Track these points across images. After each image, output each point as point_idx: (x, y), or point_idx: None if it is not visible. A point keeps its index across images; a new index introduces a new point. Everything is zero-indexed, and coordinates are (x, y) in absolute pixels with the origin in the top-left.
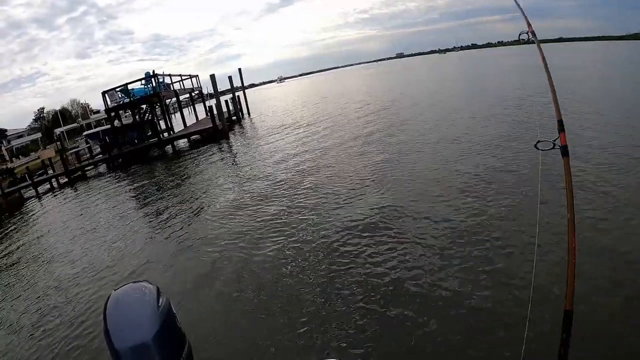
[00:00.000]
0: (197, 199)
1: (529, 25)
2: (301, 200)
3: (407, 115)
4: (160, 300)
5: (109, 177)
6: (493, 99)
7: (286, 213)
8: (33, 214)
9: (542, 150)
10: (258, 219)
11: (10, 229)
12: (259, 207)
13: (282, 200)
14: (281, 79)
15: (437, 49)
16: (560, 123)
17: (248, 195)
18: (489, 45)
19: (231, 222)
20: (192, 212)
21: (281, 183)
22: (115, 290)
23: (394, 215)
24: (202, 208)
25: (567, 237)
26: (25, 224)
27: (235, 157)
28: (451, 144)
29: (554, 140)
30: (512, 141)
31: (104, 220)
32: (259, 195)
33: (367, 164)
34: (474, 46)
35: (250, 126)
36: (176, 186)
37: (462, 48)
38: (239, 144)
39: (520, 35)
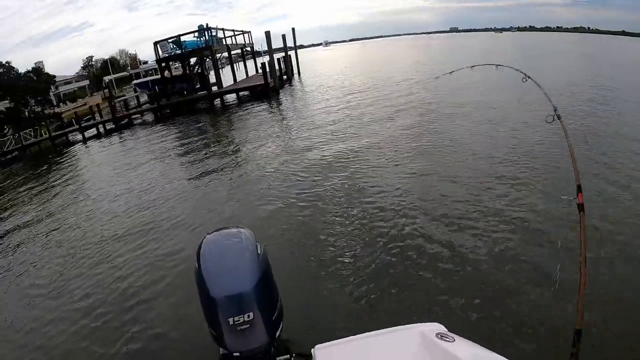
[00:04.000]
0: (242, 151)
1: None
2: (348, 163)
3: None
4: (259, 248)
5: (156, 126)
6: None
7: (328, 170)
8: (79, 157)
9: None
10: (301, 173)
11: (56, 170)
12: (303, 162)
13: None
14: (327, 43)
15: (492, 27)
16: (579, 187)
17: (293, 151)
18: (547, 29)
19: (277, 174)
20: (237, 163)
21: (328, 145)
22: (209, 233)
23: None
24: (247, 160)
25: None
26: (70, 165)
27: (284, 115)
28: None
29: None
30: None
31: (148, 166)
32: (305, 151)
33: (413, 138)
34: (532, 28)
35: (300, 86)
36: (222, 138)
37: (519, 29)
38: (288, 102)
39: (547, 117)
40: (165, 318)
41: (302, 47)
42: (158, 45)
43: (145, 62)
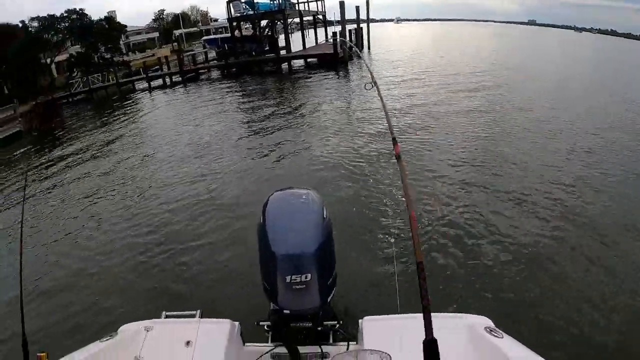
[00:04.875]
0: (304, 116)
1: None
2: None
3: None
4: (325, 212)
5: (221, 82)
6: None
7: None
8: (143, 104)
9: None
10: (364, 147)
11: (121, 113)
12: (367, 134)
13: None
14: (398, 20)
15: (572, 26)
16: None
17: (357, 121)
18: (629, 35)
19: (339, 142)
20: (298, 127)
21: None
22: (277, 191)
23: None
24: (310, 125)
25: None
26: (135, 111)
27: (350, 86)
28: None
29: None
30: None
31: (210, 119)
32: (369, 123)
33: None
34: (613, 32)
35: (368, 60)
36: (286, 102)
37: (599, 31)
38: (355, 74)
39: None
40: (217, 264)
41: (373, 20)
42: (231, 4)
43: (216, 20)
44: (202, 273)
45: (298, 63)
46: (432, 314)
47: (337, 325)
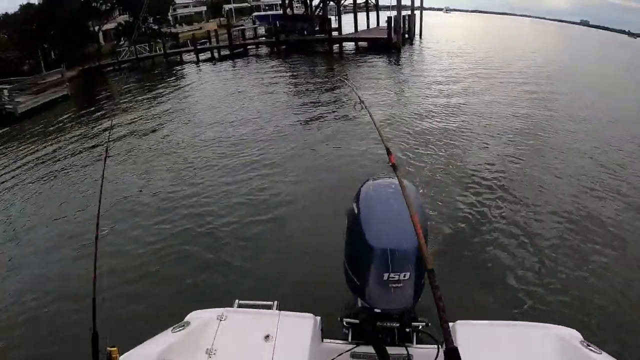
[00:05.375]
0: (352, 101)
1: None
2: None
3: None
4: (422, 207)
5: (269, 59)
6: None
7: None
8: (190, 75)
9: None
10: (415, 137)
11: (167, 83)
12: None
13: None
14: (448, 10)
15: (626, 30)
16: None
17: (406, 110)
18: None
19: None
20: (346, 110)
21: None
22: (373, 179)
23: None
24: (356, 110)
25: None
26: (181, 81)
27: (402, 73)
28: None
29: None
30: None
31: (256, 96)
32: (418, 116)
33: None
34: None
35: (420, 48)
36: (336, 83)
37: None
38: (407, 62)
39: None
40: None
41: (422, 8)
42: None
43: None
44: (275, 256)
45: (349, 46)
46: (520, 322)
47: (424, 327)
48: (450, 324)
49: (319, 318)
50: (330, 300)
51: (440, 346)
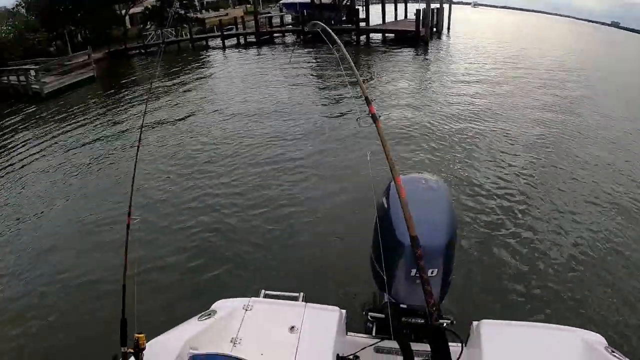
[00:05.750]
0: (378, 93)
1: None
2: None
3: None
4: (451, 204)
5: (296, 48)
6: None
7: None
8: (215, 61)
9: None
10: (435, 133)
11: (193, 67)
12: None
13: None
14: (476, 4)
15: None
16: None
17: (427, 107)
18: None
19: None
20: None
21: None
22: (404, 174)
23: None
24: (381, 102)
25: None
26: (207, 66)
27: (429, 69)
28: None
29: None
30: None
31: (281, 85)
32: (441, 114)
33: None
34: None
35: (448, 43)
36: (362, 76)
37: None
38: (434, 57)
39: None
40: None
41: (450, 1)
42: None
43: None
44: (303, 247)
45: (375, 37)
46: (544, 324)
47: (448, 325)
48: (475, 322)
49: (344, 311)
50: (355, 293)
51: (464, 344)
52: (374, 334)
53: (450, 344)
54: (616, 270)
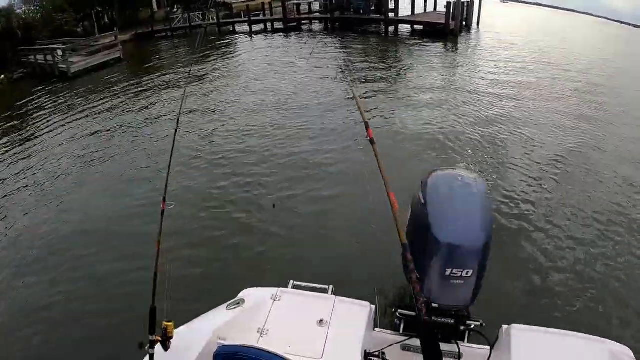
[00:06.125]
0: (403, 85)
1: None
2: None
3: None
4: (490, 204)
5: (323, 36)
6: None
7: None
8: (242, 46)
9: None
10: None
11: (220, 52)
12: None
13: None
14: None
15: None
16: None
17: (453, 102)
18: None
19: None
20: (395, 94)
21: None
22: (438, 170)
23: None
24: (403, 97)
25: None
26: (233, 50)
27: (459, 65)
28: None
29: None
30: None
31: (310, 73)
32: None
33: None
34: None
35: (479, 37)
36: (389, 67)
37: None
38: (463, 51)
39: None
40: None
41: None
42: None
43: None
44: (334, 238)
45: (404, 28)
46: (573, 333)
47: (477, 327)
48: (505, 326)
49: (373, 307)
50: (384, 289)
51: (492, 348)
52: (401, 331)
53: (477, 346)
54: None
